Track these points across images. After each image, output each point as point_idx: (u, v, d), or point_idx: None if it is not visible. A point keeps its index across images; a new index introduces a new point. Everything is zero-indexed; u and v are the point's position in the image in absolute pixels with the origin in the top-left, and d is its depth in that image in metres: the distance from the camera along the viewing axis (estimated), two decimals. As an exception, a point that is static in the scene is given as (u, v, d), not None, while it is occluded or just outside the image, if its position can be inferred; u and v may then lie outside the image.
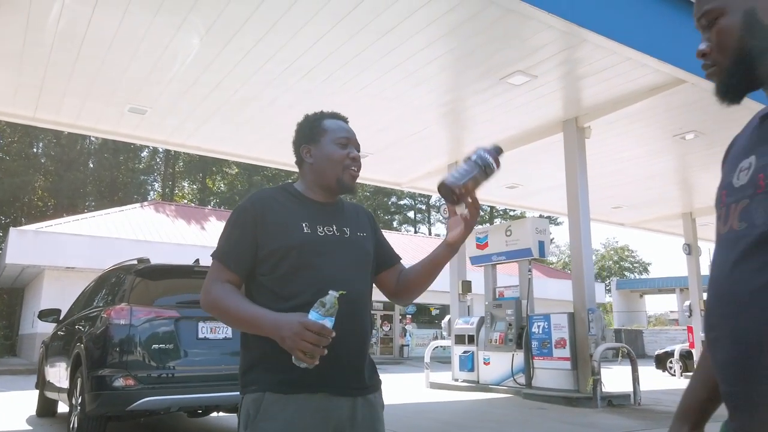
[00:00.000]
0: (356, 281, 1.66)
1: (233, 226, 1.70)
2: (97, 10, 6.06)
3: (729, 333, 0.88)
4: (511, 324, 8.73)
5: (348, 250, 1.70)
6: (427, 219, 44.81)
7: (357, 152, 1.75)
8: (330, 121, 1.79)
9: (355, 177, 1.74)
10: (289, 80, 7.71)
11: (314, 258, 1.64)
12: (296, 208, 1.73)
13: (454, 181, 1.50)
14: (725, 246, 0.94)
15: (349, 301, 1.54)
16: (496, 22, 6.29)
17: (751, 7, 0.96)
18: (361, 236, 1.77)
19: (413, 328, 24.22)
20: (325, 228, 1.70)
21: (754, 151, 0.93)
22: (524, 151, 10.07)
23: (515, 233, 9.23)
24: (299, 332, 1.41)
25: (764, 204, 0.86)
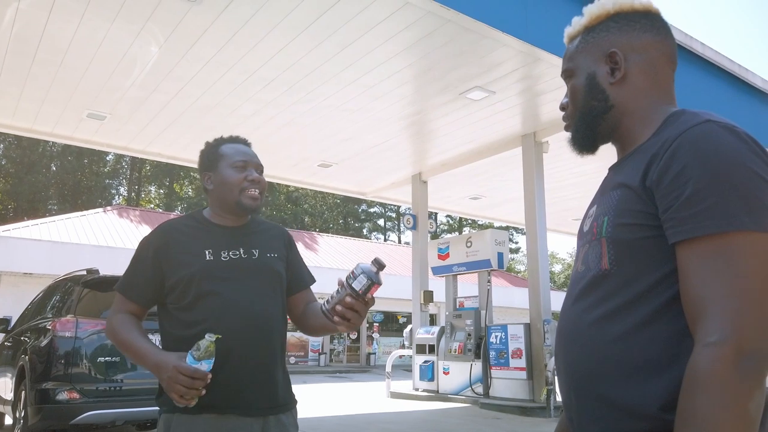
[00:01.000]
0: (262, 304, 1.69)
1: (135, 260, 1.77)
2: (52, 16, 5.99)
3: (564, 366, 0.99)
4: (470, 334, 8.85)
5: (254, 273, 1.73)
6: (397, 227, 44.97)
7: (257, 174, 1.78)
8: (227, 146, 1.82)
9: (256, 198, 1.76)
10: (250, 90, 7.72)
11: (217, 284, 1.67)
12: (201, 235, 1.76)
13: (327, 309, 1.53)
14: (570, 285, 1.05)
15: (251, 325, 1.62)
16: (454, 40, 6.42)
17: (592, 71, 1.05)
18: (271, 257, 1.78)
19: (380, 336, 24.24)
20: (230, 252, 1.73)
21: (596, 201, 1.04)
22: (486, 163, 10.27)
23: (475, 244, 9.37)
24: (173, 376, 1.46)
25: (596, 250, 0.97)
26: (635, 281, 0.90)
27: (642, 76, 1.03)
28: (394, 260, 27.92)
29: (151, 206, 35.72)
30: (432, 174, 10.96)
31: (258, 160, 1.84)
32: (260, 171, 1.82)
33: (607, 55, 1.04)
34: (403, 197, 12.68)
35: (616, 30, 1.04)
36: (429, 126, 9.06)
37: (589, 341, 0.93)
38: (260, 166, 1.82)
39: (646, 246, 0.89)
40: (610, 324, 0.91)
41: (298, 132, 9.27)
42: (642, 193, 0.90)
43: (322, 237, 28.76)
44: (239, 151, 1.80)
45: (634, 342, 0.88)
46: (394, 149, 10.08)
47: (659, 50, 1.03)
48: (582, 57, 1.07)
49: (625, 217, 0.92)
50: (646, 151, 0.95)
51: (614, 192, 0.96)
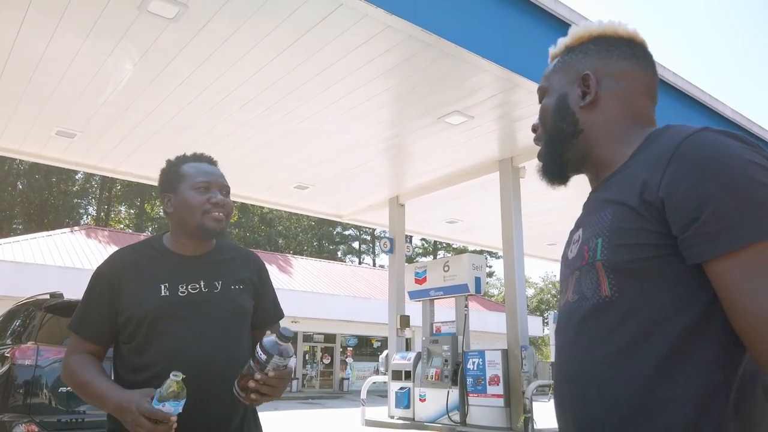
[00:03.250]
0: (221, 346, 1.55)
1: (89, 294, 1.64)
2: (23, 30, 5.82)
3: (571, 411, 0.89)
4: (447, 360, 8.73)
5: (215, 309, 1.59)
6: (372, 250, 44.85)
7: (221, 196, 1.65)
8: (189, 166, 1.70)
9: (220, 220, 1.63)
10: (226, 110, 7.60)
11: (170, 324, 1.54)
12: (157, 267, 1.63)
13: (237, 388, 1.45)
14: (563, 318, 0.96)
15: (205, 372, 1.48)
16: (434, 64, 6.43)
17: (564, 92, 0.99)
18: (235, 290, 1.64)
19: (353, 361, 23.91)
20: (188, 286, 1.60)
21: (581, 224, 0.96)
22: (463, 187, 10.28)
23: (453, 269, 9.31)
24: (135, 419, 1.35)
25: (590, 276, 0.88)
26: (643, 309, 0.81)
27: (614, 102, 0.98)
28: (368, 283, 27.71)
29: (121, 226, 34.94)
30: (409, 197, 10.92)
31: (223, 180, 1.71)
32: (226, 192, 1.69)
33: (581, 77, 0.99)
34: (380, 220, 12.60)
35: (594, 53, 1.00)
36: (407, 149, 9.04)
37: (603, 383, 0.83)
38: (225, 187, 1.69)
39: (651, 267, 0.81)
40: (624, 362, 0.81)
41: (275, 153, 9.16)
42: (642, 209, 0.82)
43: (297, 259, 28.46)
44: (202, 171, 1.67)
45: (657, 384, 0.78)
46: (371, 172, 10.02)
47: (637, 79, 0.98)
48: (557, 77, 1.03)
49: (624, 237, 0.84)
50: (634, 166, 0.88)
51: (606, 211, 0.89)
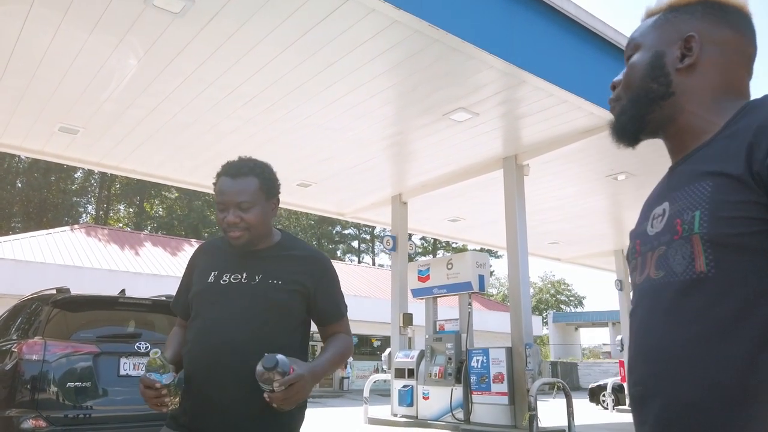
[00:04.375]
0: (237, 330, 1.67)
1: (183, 276, 1.90)
2: (27, 25, 5.78)
3: (658, 391, 0.83)
4: (451, 358, 8.70)
5: (243, 298, 1.72)
6: (371, 249, 44.82)
7: (233, 216, 1.74)
8: (217, 184, 1.81)
9: (237, 238, 1.74)
10: (230, 107, 7.56)
11: (206, 307, 1.73)
12: (219, 255, 1.83)
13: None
14: (645, 296, 0.90)
15: (218, 351, 1.64)
16: (440, 60, 6.40)
17: (661, 50, 0.96)
18: (273, 284, 1.75)
19: (353, 360, 23.87)
20: (231, 276, 1.76)
21: (666, 198, 0.92)
22: (466, 185, 10.25)
23: (456, 266, 9.29)
24: (140, 388, 1.58)
25: (683, 250, 0.83)
26: (742, 285, 0.76)
27: (714, 70, 0.93)
28: (368, 283, 27.68)
29: (120, 225, 34.86)
30: (412, 195, 10.90)
31: (236, 197, 1.76)
32: (245, 206, 1.75)
33: (684, 38, 0.94)
34: (382, 218, 12.57)
35: (701, 16, 0.94)
36: (410, 146, 9.01)
37: (699, 364, 0.78)
38: (239, 204, 1.75)
39: (755, 242, 0.76)
40: (722, 342, 0.76)
41: (278, 150, 9.12)
42: (749, 180, 0.78)
43: (296, 258, 28.39)
44: (219, 190, 1.78)
45: (758, 366, 0.74)
46: (374, 169, 10.00)
47: (739, 49, 0.94)
48: (655, 34, 0.97)
49: (727, 209, 0.79)
50: (732, 137, 0.83)
51: (703, 183, 0.83)
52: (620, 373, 14.06)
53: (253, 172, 1.79)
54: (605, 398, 14.58)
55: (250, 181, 1.77)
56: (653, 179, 9.06)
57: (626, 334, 11.09)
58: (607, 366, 28.74)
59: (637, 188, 10.41)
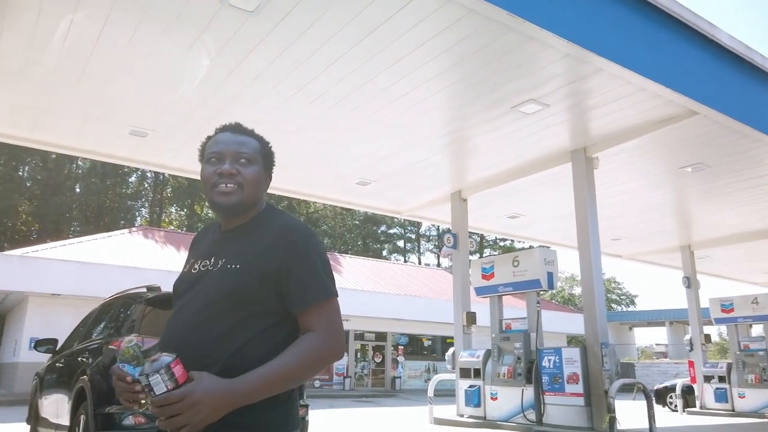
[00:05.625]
0: (188, 331, 1.39)
1: None
2: (106, 28, 5.89)
3: None
4: (520, 357, 8.48)
5: (201, 289, 1.44)
6: (417, 248, 44.64)
7: (230, 165, 1.47)
8: (212, 139, 1.56)
9: (228, 193, 1.45)
10: (298, 105, 7.56)
11: (177, 301, 1.50)
12: (203, 242, 1.61)
13: None
14: None
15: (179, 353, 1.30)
16: (512, 51, 6.22)
17: None
18: (231, 269, 1.42)
19: (405, 360, 23.77)
20: (202, 263, 1.50)
21: None
22: (528, 180, 10.00)
23: (523, 263, 9.06)
24: (113, 381, 1.30)
25: None
26: None
27: None
28: (417, 282, 27.54)
29: (172, 227, 35.80)
30: (472, 192, 10.71)
31: (239, 147, 1.50)
32: (245, 160, 1.49)
33: None
34: (439, 216, 12.42)
35: None
36: (473, 142, 8.84)
37: None
38: (240, 155, 1.49)
39: None
40: None
41: (340, 149, 9.10)
42: None
43: (345, 258, 28.52)
44: (217, 141, 1.52)
45: None
46: (435, 166, 9.86)
47: None
48: None
49: None
50: None
51: None
52: (690, 374, 13.49)
53: (254, 135, 1.58)
54: (673, 400, 14.02)
55: (252, 140, 1.56)
56: (729, 170, 8.64)
57: (694, 332, 10.55)
58: (666, 366, 27.77)
59: (710, 180, 9.93)
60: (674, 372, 25.61)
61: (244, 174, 1.47)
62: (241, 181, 1.46)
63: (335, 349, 1.40)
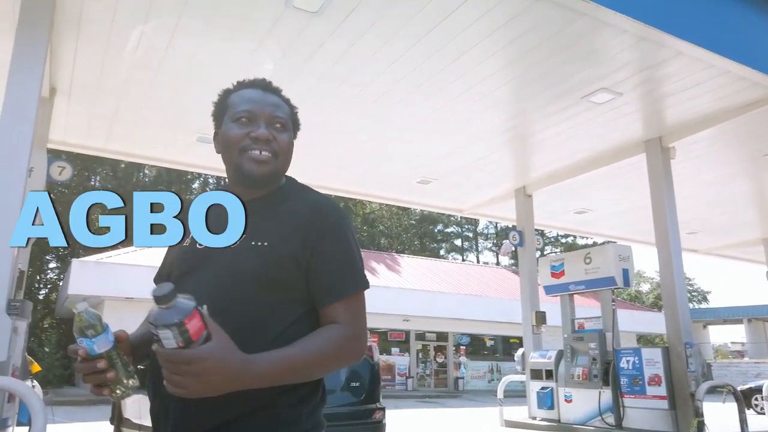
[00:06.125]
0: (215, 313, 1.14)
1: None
2: (174, 38, 6.02)
3: None
4: (596, 358, 8.13)
5: (218, 268, 1.24)
6: (475, 246, 44.05)
7: (265, 129, 1.30)
8: (236, 95, 1.37)
9: (262, 161, 1.29)
10: (360, 104, 7.53)
11: (175, 279, 1.27)
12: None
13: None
14: None
15: None
16: (583, 38, 5.94)
17: None
18: (256, 246, 1.23)
19: (468, 360, 23.47)
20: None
21: None
22: (597, 174, 9.60)
23: (596, 260, 8.69)
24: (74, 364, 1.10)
25: None
26: None
27: None
28: (477, 281, 27.14)
29: (234, 231, 36.80)
30: (537, 187, 10.39)
31: (274, 110, 1.33)
32: (278, 124, 1.33)
33: None
34: (502, 213, 12.14)
35: None
36: (538, 136, 8.55)
37: None
38: (276, 118, 1.33)
39: None
40: None
41: (401, 148, 9.02)
42: None
43: (404, 258, 28.46)
44: (246, 99, 1.34)
45: None
46: (497, 162, 9.63)
47: None
48: None
49: None
50: None
51: None
52: (778, 374, 12.62)
53: (283, 96, 1.40)
54: (759, 402, 13.17)
55: (283, 103, 1.39)
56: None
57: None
58: (746, 366, 26.21)
59: (798, 168, 9.25)
60: (755, 372, 24.14)
61: (279, 141, 1.33)
62: (276, 148, 1.32)
63: (360, 349, 1.25)
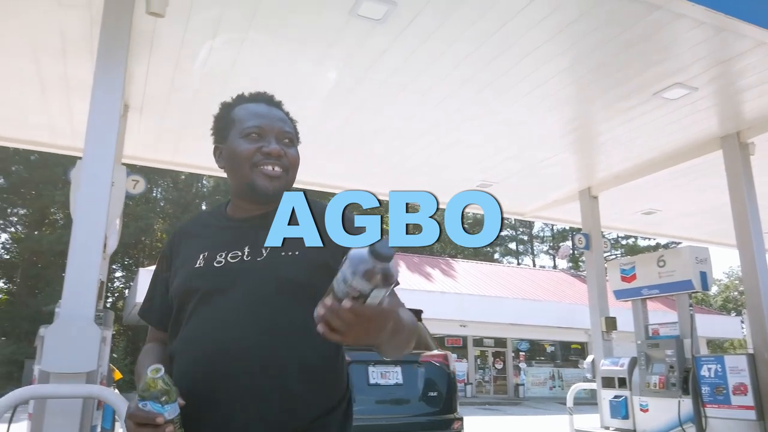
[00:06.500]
0: (242, 330, 1.14)
1: (153, 276, 1.40)
2: (242, 51, 6.14)
3: None
4: (673, 366, 7.77)
5: (250, 283, 1.20)
6: (530, 250, 43.22)
7: (276, 146, 1.30)
8: (241, 108, 1.40)
9: (274, 176, 1.29)
10: (420, 110, 7.49)
11: (197, 302, 1.22)
12: (207, 234, 1.34)
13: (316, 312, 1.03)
14: None
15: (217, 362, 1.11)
16: (657, 32, 5.71)
17: None
18: (286, 257, 1.20)
19: (527, 367, 23.00)
20: (228, 255, 1.25)
21: None
22: (669, 173, 9.21)
23: (670, 263, 8.32)
24: (128, 426, 1.06)
25: None
26: None
27: None
28: (536, 285, 26.59)
29: (289, 239, 37.45)
30: (603, 188, 10.07)
31: (283, 125, 1.37)
32: (286, 139, 1.35)
33: None
34: (564, 216, 11.83)
35: None
36: (605, 135, 8.28)
37: None
38: (285, 134, 1.36)
39: None
40: None
41: (462, 152, 8.91)
42: None
43: (458, 262, 28.21)
44: (254, 113, 1.38)
45: None
46: (561, 164, 9.38)
47: None
48: None
49: None
50: None
51: None
52: None
53: (286, 111, 1.38)
54: None
55: (288, 118, 1.40)
56: None
57: None
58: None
59: None
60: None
61: (289, 156, 1.35)
62: (287, 164, 1.34)
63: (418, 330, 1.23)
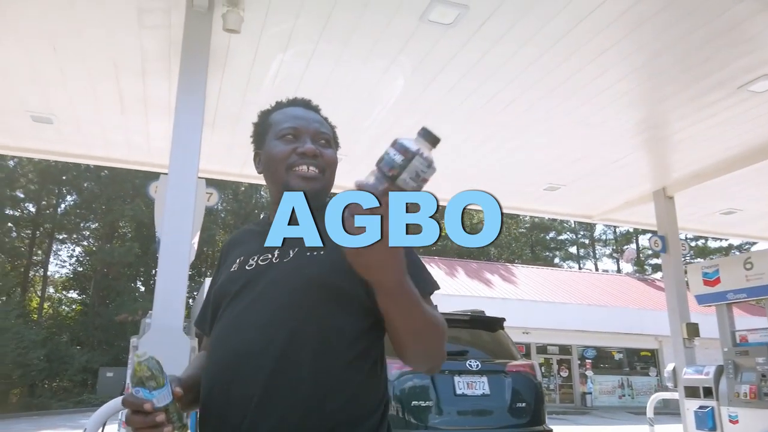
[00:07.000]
0: (267, 330, 1.11)
1: (209, 284, 1.43)
2: (311, 63, 6.23)
3: None
4: (765, 375, 7.32)
5: (276, 284, 1.17)
6: (592, 253, 41.95)
7: (312, 144, 1.27)
8: (278, 113, 1.37)
9: (310, 178, 1.26)
10: (488, 114, 7.38)
11: (228, 305, 1.22)
12: (249, 240, 1.35)
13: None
14: None
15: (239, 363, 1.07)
16: (742, 23, 5.42)
17: None
18: (312, 256, 1.18)
19: (594, 375, 22.27)
20: (260, 258, 1.25)
21: None
22: (753, 170, 8.72)
23: (758, 266, 7.86)
24: (126, 415, 1.03)
25: None
26: None
27: None
28: (600, 290, 25.75)
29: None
30: (680, 188, 9.64)
31: (319, 126, 1.35)
32: (322, 140, 1.33)
33: None
34: (636, 217, 11.41)
35: None
36: (681, 133, 7.93)
37: None
38: (321, 134, 1.33)
39: None
40: None
41: (529, 155, 8.73)
42: None
43: (518, 268, 27.69)
44: (290, 116, 1.36)
45: None
46: (633, 164, 9.05)
47: None
48: None
49: None
50: None
51: None
52: None
53: (323, 115, 1.43)
54: None
55: (325, 121, 1.42)
56: None
57: None
58: None
59: None
60: None
61: (325, 156, 1.34)
62: (323, 164, 1.33)
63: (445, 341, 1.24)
